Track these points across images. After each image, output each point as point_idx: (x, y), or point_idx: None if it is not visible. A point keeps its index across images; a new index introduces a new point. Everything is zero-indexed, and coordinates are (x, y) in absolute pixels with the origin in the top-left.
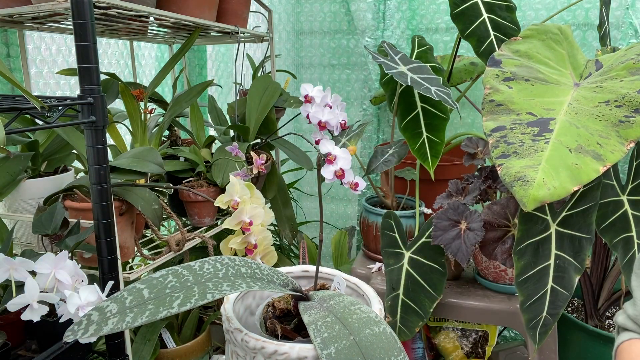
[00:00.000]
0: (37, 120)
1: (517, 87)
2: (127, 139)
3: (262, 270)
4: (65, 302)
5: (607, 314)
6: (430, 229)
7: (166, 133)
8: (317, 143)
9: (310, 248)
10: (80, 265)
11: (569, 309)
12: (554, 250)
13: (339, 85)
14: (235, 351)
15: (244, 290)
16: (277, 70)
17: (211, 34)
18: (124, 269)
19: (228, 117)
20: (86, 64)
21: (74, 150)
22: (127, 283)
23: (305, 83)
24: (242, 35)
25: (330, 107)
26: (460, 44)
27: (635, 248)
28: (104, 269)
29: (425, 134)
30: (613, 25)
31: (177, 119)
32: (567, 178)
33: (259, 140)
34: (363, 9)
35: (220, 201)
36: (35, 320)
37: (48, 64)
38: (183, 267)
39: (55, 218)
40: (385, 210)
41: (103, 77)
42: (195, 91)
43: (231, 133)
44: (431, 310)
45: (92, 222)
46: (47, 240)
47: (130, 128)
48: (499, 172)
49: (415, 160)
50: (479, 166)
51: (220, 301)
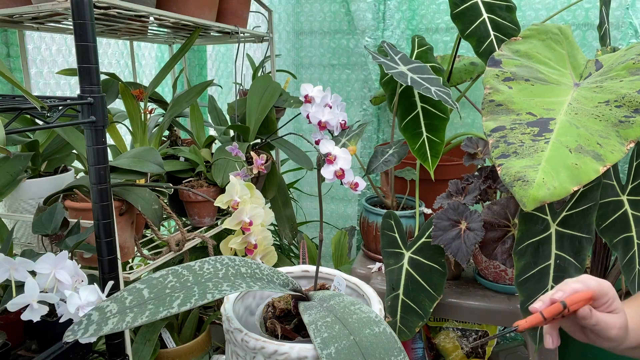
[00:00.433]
0: (37, 120)
1: (517, 87)
2: (127, 139)
3: (262, 270)
4: (65, 302)
5: None
6: (430, 229)
7: (166, 133)
8: (317, 143)
9: (310, 248)
10: (80, 265)
11: None
12: (554, 250)
13: (339, 85)
14: (235, 351)
15: (244, 290)
16: (277, 70)
17: (211, 34)
18: (124, 269)
19: (228, 117)
20: (86, 64)
21: (74, 150)
22: (127, 283)
23: (305, 83)
24: (242, 35)
25: (330, 107)
26: (460, 44)
27: (635, 248)
28: (104, 269)
29: (425, 134)
30: (613, 25)
31: (177, 119)
32: (567, 178)
33: (259, 140)
34: (363, 9)
35: (220, 201)
36: (35, 320)
37: (48, 64)
38: (183, 267)
39: (55, 218)
40: (385, 210)
41: (103, 77)
42: (195, 91)
43: (231, 133)
44: (431, 310)
45: (92, 222)
46: (47, 240)
47: (130, 128)
48: (498, 172)
49: (415, 160)
50: (479, 166)
51: (220, 301)
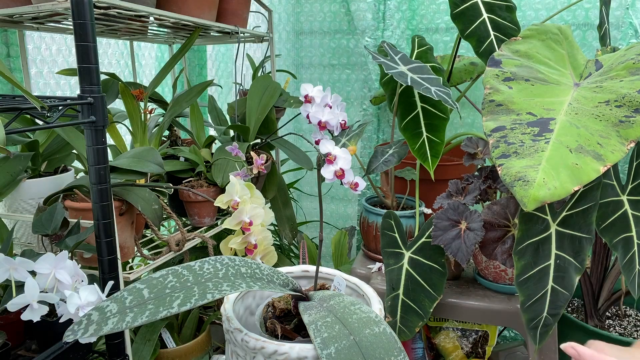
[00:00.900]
0: (37, 120)
1: (517, 87)
2: (127, 139)
3: (262, 270)
4: (65, 302)
5: (607, 314)
6: (430, 229)
7: (166, 133)
8: (317, 143)
9: (310, 248)
10: (80, 265)
11: (569, 309)
12: (554, 250)
13: (339, 85)
14: (235, 351)
15: (244, 290)
16: (277, 70)
17: (211, 34)
18: (124, 269)
19: (228, 117)
20: (86, 64)
21: (74, 150)
22: (127, 283)
23: (305, 83)
24: (242, 35)
25: (330, 107)
26: (460, 44)
27: (635, 248)
28: (104, 269)
29: (425, 134)
30: (613, 25)
31: (177, 119)
32: (568, 178)
33: (259, 140)
34: (363, 9)
35: (220, 201)
36: (35, 320)
37: (48, 64)
38: (183, 267)
39: (55, 218)
40: (385, 210)
41: (103, 77)
42: (195, 91)
43: (231, 133)
44: (431, 310)
45: (92, 222)
46: (47, 240)
47: (130, 128)
48: (499, 172)
49: (415, 160)
50: (479, 166)
51: (220, 301)
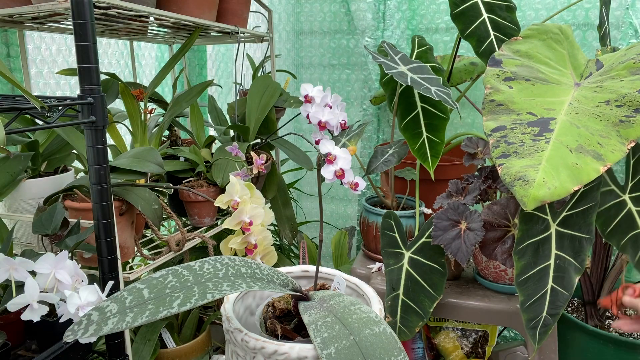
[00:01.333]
0: (37, 120)
1: (518, 87)
2: (127, 139)
3: (262, 270)
4: (65, 302)
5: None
6: (430, 229)
7: (166, 133)
8: (317, 143)
9: (310, 248)
10: (80, 265)
11: (569, 309)
12: (554, 250)
13: (339, 85)
14: (235, 351)
15: (244, 290)
16: (277, 70)
17: (211, 34)
18: (124, 269)
19: (228, 117)
20: (86, 64)
21: (74, 150)
22: (127, 283)
23: (305, 83)
24: (242, 35)
25: (330, 107)
26: (460, 44)
27: None
28: (104, 269)
29: (425, 134)
30: (613, 25)
31: (177, 119)
32: (568, 178)
33: (259, 140)
34: (363, 9)
35: (220, 201)
36: (35, 320)
37: (48, 64)
38: (183, 267)
39: (55, 218)
40: (385, 210)
41: (103, 77)
42: (195, 91)
43: (231, 133)
44: (431, 310)
45: (92, 222)
46: (47, 240)
47: (130, 128)
48: (499, 172)
49: (415, 160)
50: (479, 166)
51: (220, 301)
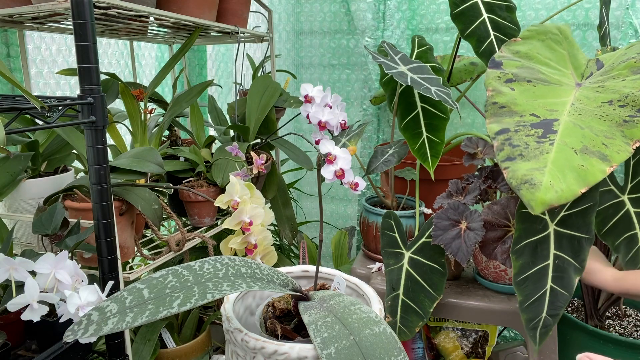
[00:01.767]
0: (37, 120)
1: (520, 89)
2: (127, 139)
3: (262, 270)
4: (65, 302)
5: (607, 314)
6: (430, 229)
7: (166, 133)
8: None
9: (310, 248)
10: (80, 265)
11: (569, 309)
12: (552, 250)
13: (339, 85)
14: (235, 351)
15: (244, 290)
16: (277, 70)
17: (211, 34)
18: (124, 269)
19: (228, 117)
20: (86, 64)
21: (74, 150)
22: (127, 283)
23: (305, 83)
24: (242, 35)
25: (330, 107)
26: (460, 44)
27: (639, 244)
28: (104, 269)
29: (425, 134)
30: (613, 25)
31: (177, 119)
32: (574, 180)
33: (259, 140)
34: (363, 9)
35: (220, 201)
36: (35, 320)
37: (48, 64)
38: (183, 267)
39: (55, 218)
40: (385, 210)
41: (103, 77)
42: (195, 91)
43: (231, 133)
44: (431, 310)
45: (92, 222)
46: (47, 240)
47: (130, 128)
48: (505, 176)
49: (415, 160)
50: (479, 166)
51: (220, 301)
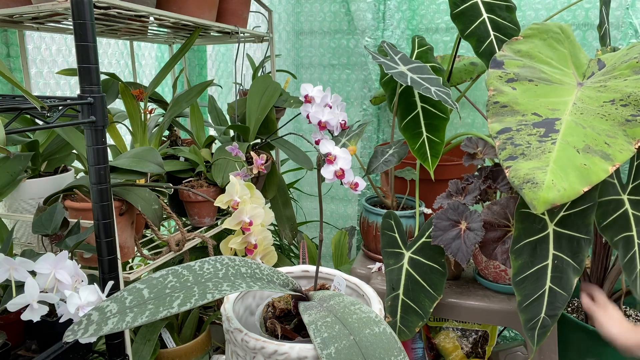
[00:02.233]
0: (37, 120)
1: (521, 88)
2: (127, 139)
3: (262, 270)
4: (65, 302)
5: None
6: (430, 229)
7: (166, 133)
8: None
9: (310, 248)
10: (80, 265)
11: (569, 309)
12: (551, 251)
13: (339, 85)
14: (235, 351)
15: (244, 290)
16: (277, 70)
17: (211, 34)
18: (124, 269)
19: (228, 117)
20: (86, 64)
21: (74, 150)
22: (127, 283)
23: (305, 83)
24: (242, 35)
25: (330, 107)
26: (460, 44)
27: (636, 248)
28: (104, 269)
29: (425, 134)
30: (613, 25)
31: (177, 119)
32: (577, 179)
33: (259, 140)
34: (363, 9)
35: (220, 201)
36: (35, 320)
37: (48, 64)
38: (183, 267)
39: (55, 218)
40: (385, 210)
41: (103, 77)
42: (195, 91)
43: (231, 133)
44: (431, 310)
45: (92, 222)
46: (47, 240)
47: (130, 128)
48: (507, 175)
49: (415, 160)
50: (479, 166)
51: (220, 301)
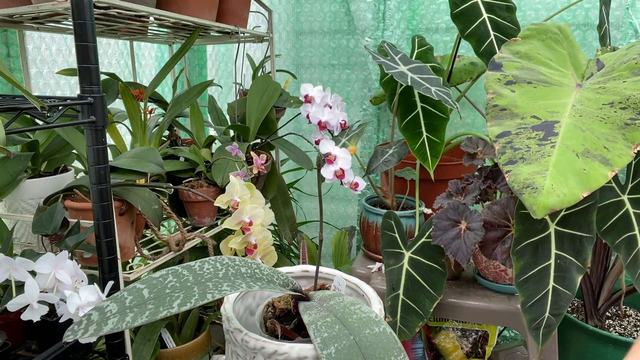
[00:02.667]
0: (37, 120)
1: (520, 91)
2: (127, 139)
3: (262, 270)
4: (65, 302)
5: (607, 314)
6: (430, 229)
7: (166, 133)
8: (317, 143)
9: (310, 248)
10: (80, 265)
11: (569, 308)
12: (554, 250)
13: (339, 85)
14: (235, 351)
15: (244, 290)
16: (277, 70)
17: (211, 34)
18: (124, 269)
19: (228, 117)
20: (86, 64)
21: (74, 150)
22: (127, 283)
23: (305, 83)
24: (242, 35)
25: (330, 107)
26: (460, 44)
27: (639, 246)
28: (104, 269)
29: (425, 134)
30: (613, 25)
31: (177, 119)
32: (576, 184)
33: (259, 140)
34: (363, 9)
35: (220, 201)
36: (35, 320)
37: (48, 64)
38: (183, 267)
39: (55, 218)
40: (385, 210)
41: (103, 77)
42: (195, 91)
43: (231, 133)
44: (431, 310)
45: (92, 222)
46: (47, 240)
47: (130, 128)
48: (507, 180)
49: (415, 160)
50: (479, 166)
51: (220, 301)
